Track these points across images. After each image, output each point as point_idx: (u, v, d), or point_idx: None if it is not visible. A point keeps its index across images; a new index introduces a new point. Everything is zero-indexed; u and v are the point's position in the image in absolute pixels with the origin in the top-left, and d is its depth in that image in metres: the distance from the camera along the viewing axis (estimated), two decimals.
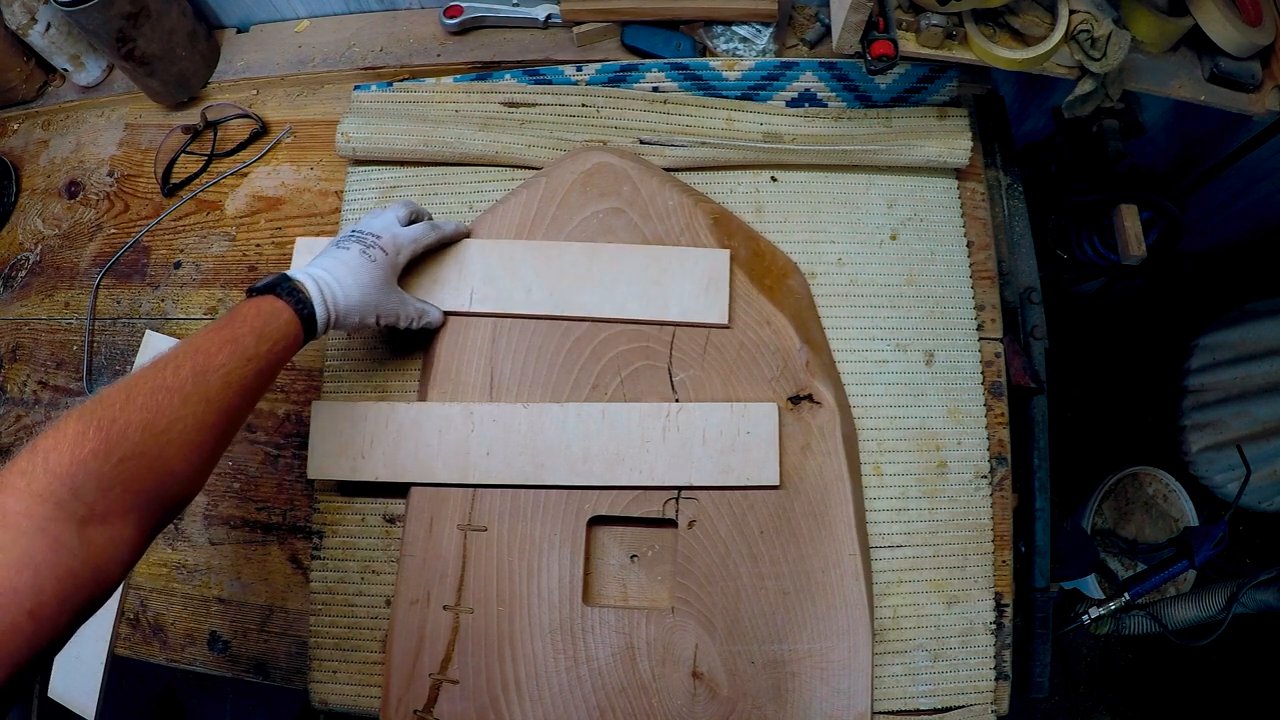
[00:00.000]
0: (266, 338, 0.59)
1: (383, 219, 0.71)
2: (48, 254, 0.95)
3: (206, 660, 0.78)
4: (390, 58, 0.94)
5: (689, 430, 0.70)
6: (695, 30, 0.89)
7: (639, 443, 0.70)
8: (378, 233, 0.69)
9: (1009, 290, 0.81)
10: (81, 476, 0.45)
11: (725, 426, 0.70)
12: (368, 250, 0.67)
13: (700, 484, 0.70)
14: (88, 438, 0.46)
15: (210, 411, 0.53)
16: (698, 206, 0.77)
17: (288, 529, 0.79)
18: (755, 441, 0.70)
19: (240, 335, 0.57)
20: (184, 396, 0.52)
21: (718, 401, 0.72)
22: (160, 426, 0.50)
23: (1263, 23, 0.77)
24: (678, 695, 0.67)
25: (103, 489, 0.46)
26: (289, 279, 0.63)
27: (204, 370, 0.54)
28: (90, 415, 0.48)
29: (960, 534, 0.73)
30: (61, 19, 0.93)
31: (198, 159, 0.94)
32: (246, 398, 0.57)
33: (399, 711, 0.69)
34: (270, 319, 0.60)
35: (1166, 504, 1.37)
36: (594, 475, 0.70)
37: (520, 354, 0.74)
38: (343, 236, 0.69)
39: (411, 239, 0.71)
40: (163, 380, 0.52)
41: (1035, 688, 0.74)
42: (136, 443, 0.48)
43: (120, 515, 0.47)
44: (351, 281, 0.65)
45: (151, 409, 0.50)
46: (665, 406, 0.71)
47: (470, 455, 0.71)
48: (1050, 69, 0.73)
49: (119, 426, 0.48)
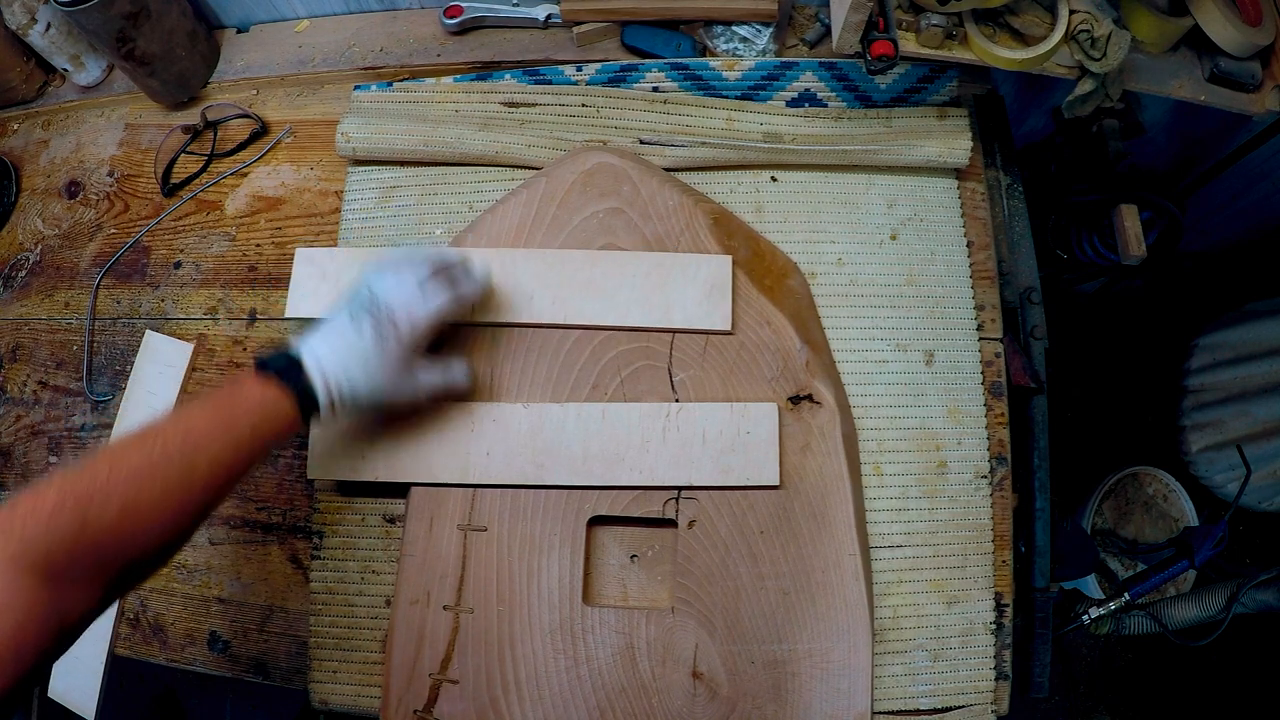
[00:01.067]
0: (262, 430, 0.58)
1: (405, 289, 0.64)
2: (48, 254, 0.95)
3: (206, 660, 0.78)
4: (390, 58, 0.94)
5: (689, 430, 0.70)
6: (695, 30, 0.89)
7: (639, 443, 0.70)
8: (395, 310, 0.63)
9: (1009, 290, 0.81)
10: (54, 545, 0.46)
11: (725, 427, 0.70)
12: (382, 333, 0.62)
13: (700, 484, 0.70)
14: (65, 509, 0.47)
15: (191, 499, 0.53)
16: (698, 206, 0.77)
17: (288, 529, 0.79)
18: (755, 441, 0.70)
19: (236, 422, 0.56)
20: (166, 483, 0.52)
21: (718, 402, 0.72)
22: (139, 509, 0.50)
23: (1263, 23, 0.77)
24: (678, 695, 0.67)
25: (73, 558, 0.47)
26: (298, 365, 0.60)
27: (191, 453, 0.54)
28: (71, 487, 0.48)
29: (960, 534, 0.73)
30: (61, 19, 0.93)
31: (198, 159, 0.94)
32: (231, 481, 0.57)
33: (399, 711, 0.69)
34: (271, 411, 0.58)
35: (1166, 504, 1.37)
36: (594, 475, 0.70)
37: (520, 355, 0.74)
38: (358, 299, 0.64)
39: (431, 318, 0.64)
40: (148, 460, 0.52)
41: (1035, 688, 0.74)
42: (113, 521, 0.49)
43: (87, 581, 0.48)
44: (361, 376, 0.62)
45: (133, 490, 0.50)
46: (665, 406, 0.71)
47: (470, 455, 0.71)
48: (1050, 69, 0.73)
49: (97, 503, 0.49)
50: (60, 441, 0.86)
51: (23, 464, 0.87)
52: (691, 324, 0.73)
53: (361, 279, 0.65)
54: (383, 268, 0.66)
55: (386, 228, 0.84)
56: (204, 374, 0.85)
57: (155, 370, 0.85)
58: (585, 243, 0.77)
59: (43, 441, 0.87)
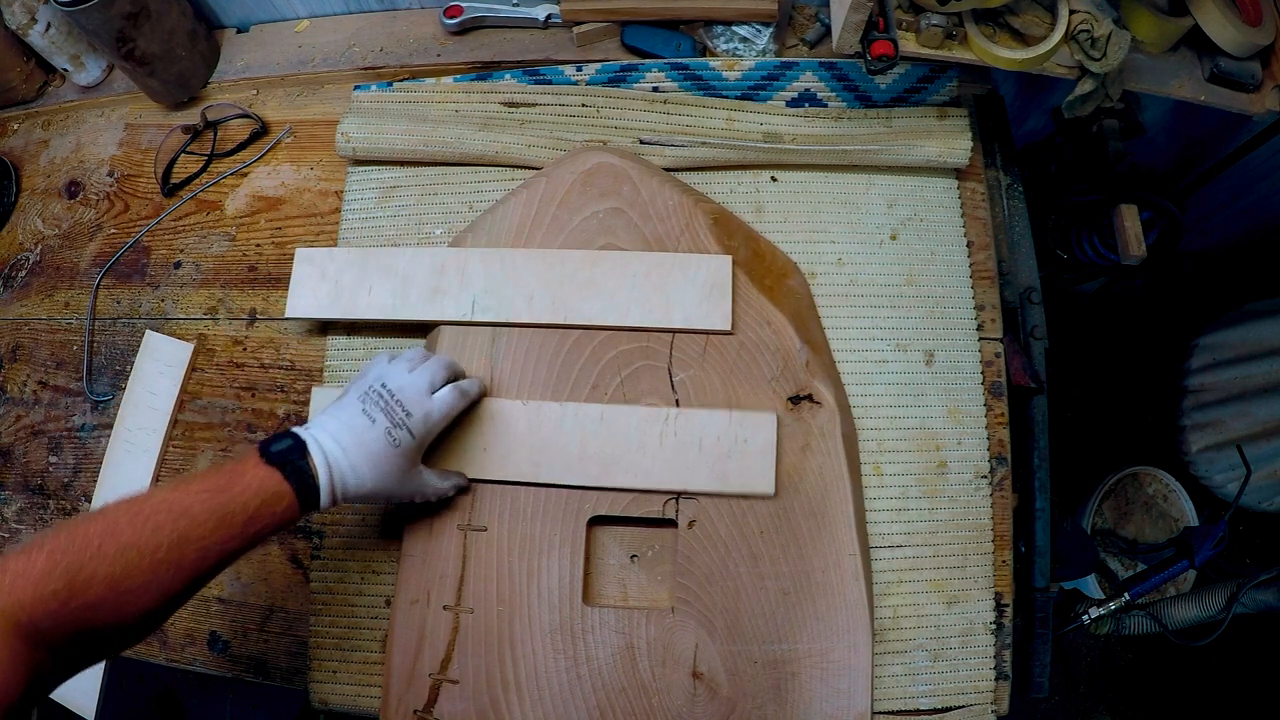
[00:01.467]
0: (258, 520, 0.56)
1: (417, 385, 0.64)
2: (48, 254, 0.95)
3: (206, 660, 0.78)
4: (390, 58, 0.94)
5: (686, 436, 0.70)
6: (695, 30, 0.89)
7: (636, 446, 0.70)
8: (409, 408, 0.62)
9: (1009, 290, 0.81)
10: (40, 611, 0.48)
11: (723, 434, 0.70)
12: (394, 431, 0.62)
13: (696, 490, 0.70)
14: (53, 578, 0.48)
15: (178, 579, 0.53)
16: (698, 206, 0.77)
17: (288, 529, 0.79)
18: (752, 450, 0.69)
19: (232, 511, 0.55)
20: (154, 564, 0.52)
21: (717, 405, 0.72)
22: (125, 586, 0.51)
23: (1263, 23, 0.77)
24: (678, 695, 0.67)
25: (57, 625, 0.48)
26: (304, 455, 0.59)
27: (183, 539, 0.53)
28: (60, 556, 0.49)
29: (960, 534, 0.73)
30: (61, 19, 0.93)
31: (198, 159, 0.94)
32: (219, 568, 0.56)
33: (399, 711, 0.69)
34: (270, 502, 0.57)
35: (1166, 504, 1.37)
36: (590, 476, 0.70)
37: (520, 354, 0.74)
38: (370, 390, 0.63)
39: (443, 415, 0.65)
40: (139, 538, 0.52)
41: (1035, 688, 0.74)
42: (98, 595, 0.50)
43: (68, 647, 0.49)
44: (368, 470, 0.61)
45: (120, 565, 0.51)
46: (664, 411, 0.71)
47: (466, 450, 0.71)
48: (1050, 69, 0.73)
49: (84, 576, 0.49)
50: (60, 441, 0.86)
51: (23, 464, 0.87)
52: (691, 324, 0.73)
53: (374, 371, 0.65)
54: (397, 362, 0.66)
55: (386, 228, 0.84)
56: (204, 374, 0.85)
57: (155, 370, 0.85)
58: (585, 243, 0.77)
59: (43, 441, 0.87)
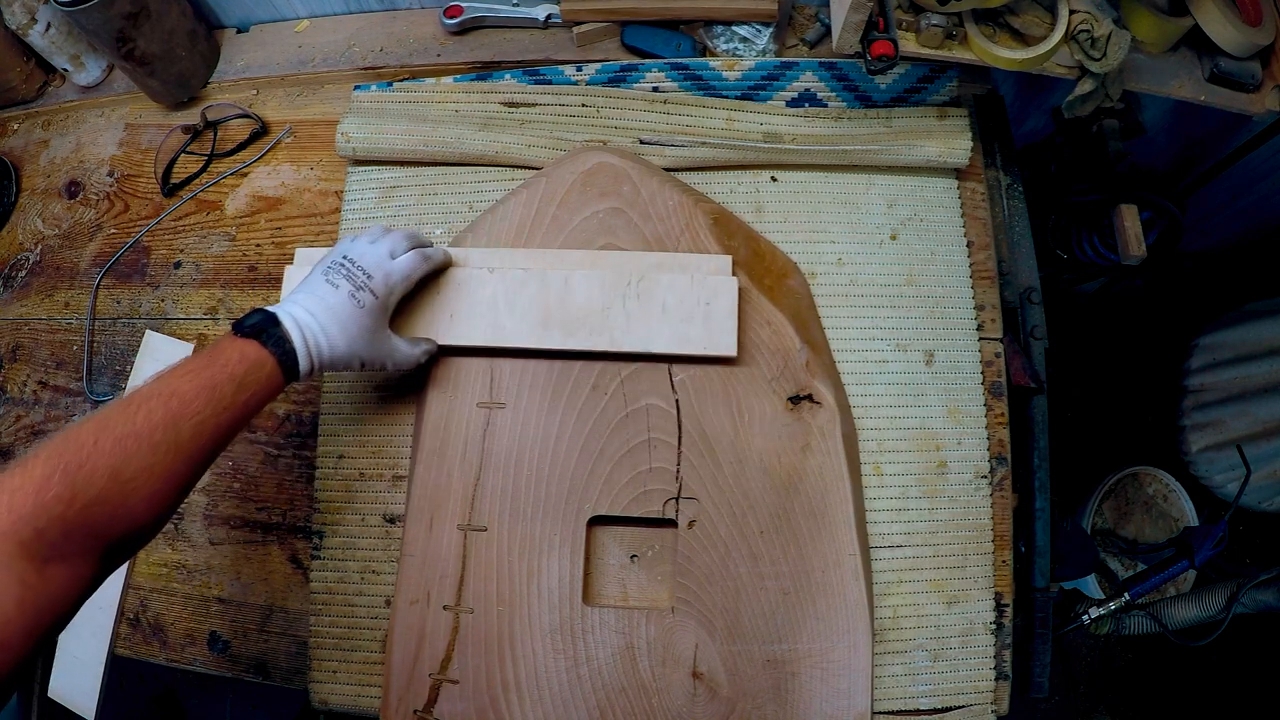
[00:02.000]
0: (246, 387, 0.58)
1: (377, 251, 0.67)
2: (48, 254, 0.95)
3: (206, 660, 0.78)
4: (390, 58, 0.94)
5: (650, 300, 0.71)
6: (695, 30, 0.89)
7: (600, 309, 0.71)
8: (370, 270, 0.65)
9: (1009, 290, 0.81)
10: (45, 520, 0.46)
11: (685, 297, 0.71)
12: (357, 294, 0.64)
13: (659, 351, 0.70)
14: (53, 481, 0.47)
15: (178, 460, 0.53)
16: (698, 206, 0.77)
17: (288, 529, 0.79)
18: (714, 312, 0.70)
19: (219, 382, 0.56)
20: (153, 445, 0.52)
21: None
22: (127, 474, 0.50)
23: (1263, 23, 0.77)
24: (678, 695, 0.67)
25: (65, 533, 0.47)
26: (276, 324, 0.61)
27: (177, 417, 0.53)
28: (57, 458, 0.48)
29: (960, 534, 0.73)
30: (61, 19, 0.93)
31: (198, 159, 0.94)
32: (217, 445, 0.57)
33: (399, 711, 0.69)
34: (253, 368, 0.58)
35: (1166, 504, 1.37)
36: (553, 339, 0.71)
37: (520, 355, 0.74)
38: (333, 263, 0.65)
39: (404, 275, 0.67)
40: (133, 426, 0.52)
41: (1035, 688, 0.74)
42: (101, 489, 0.49)
43: (80, 556, 0.48)
44: (338, 331, 0.63)
45: (119, 455, 0.50)
46: (627, 276, 0.71)
47: (435, 318, 0.72)
48: (1050, 69, 0.73)
49: (85, 472, 0.48)
50: None
51: None
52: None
53: (338, 247, 0.68)
54: (357, 237, 0.69)
55: None
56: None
57: (155, 370, 0.84)
58: (585, 243, 0.76)
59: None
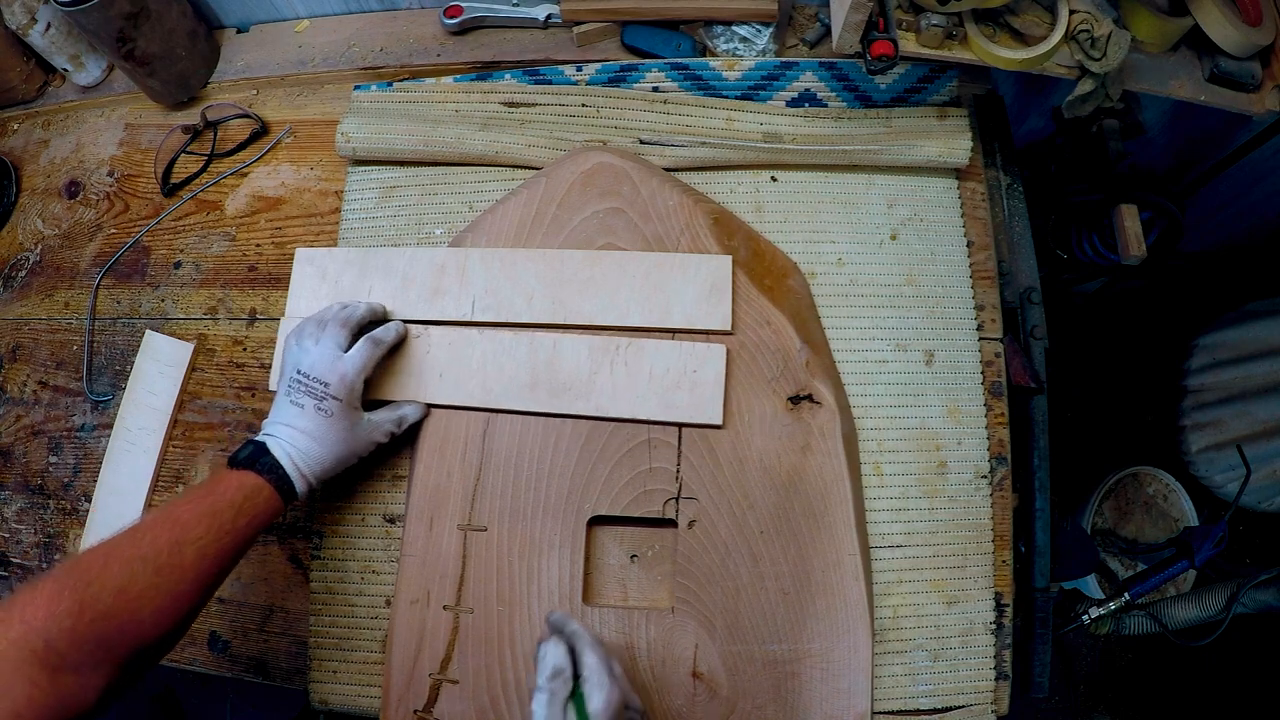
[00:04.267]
0: (245, 512, 0.60)
1: (323, 353, 0.66)
2: (48, 254, 0.95)
3: (206, 660, 0.78)
4: (390, 58, 0.94)
5: (637, 366, 0.71)
6: (695, 30, 0.89)
7: (587, 375, 0.71)
8: (323, 378, 0.66)
9: (1009, 290, 0.81)
10: (54, 631, 0.48)
11: (672, 365, 0.71)
12: (321, 405, 0.65)
13: (645, 419, 0.70)
14: (63, 597, 0.49)
15: (183, 581, 0.56)
16: (698, 206, 0.77)
17: (288, 529, 0.79)
18: (701, 381, 0.71)
19: (219, 509, 0.59)
20: (157, 566, 0.54)
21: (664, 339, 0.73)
22: (133, 592, 0.53)
23: (1263, 23, 0.77)
24: (678, 695, 0.67)
25: (75, 643, 0.49)
26: (267, 452, 0.63)
27: (179, 542, 0.56)
28: (66, 578, 0.51)
29: (960, 534, 0.73)
30: (61, 19, 0.93)
31: (198, 159, 0.94)
32: (221, 568, 0.59)
33: (399, 711, 0.69)
34: (251, 495, 0.61)
35: (1166, 504, 1.37)
36: (540, 403, 0.71)
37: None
38: (291, 381, 0.66)
39: (359, 370, 0.67)
40: (139, 549, 0.55)
41: (1035, 688, 0.74)
42: (110, 605, 0.51)
43: (91, 667, 0.50)
44: (317, 447, 0.65)
45: (125, 575, 0.53)
46: (615, 341, 0.72)
47: (423, 378, 0.73)
48: (1050, 69, 0.73)
49: (93, 590, 0.51)
50: (60, 441, 0.86)
51: (23, 464, 0.87)
52: (691, 324, 0.73)
53: (288, 360, 0.68)
54: (302, 341, 0.68)
55: (386, 228, 0.84)
56: (204, 374, 0.85)
57: (155, 370, 0.85)
58: (585, 243, 0.77)
59: (43, 441, 0.87)
